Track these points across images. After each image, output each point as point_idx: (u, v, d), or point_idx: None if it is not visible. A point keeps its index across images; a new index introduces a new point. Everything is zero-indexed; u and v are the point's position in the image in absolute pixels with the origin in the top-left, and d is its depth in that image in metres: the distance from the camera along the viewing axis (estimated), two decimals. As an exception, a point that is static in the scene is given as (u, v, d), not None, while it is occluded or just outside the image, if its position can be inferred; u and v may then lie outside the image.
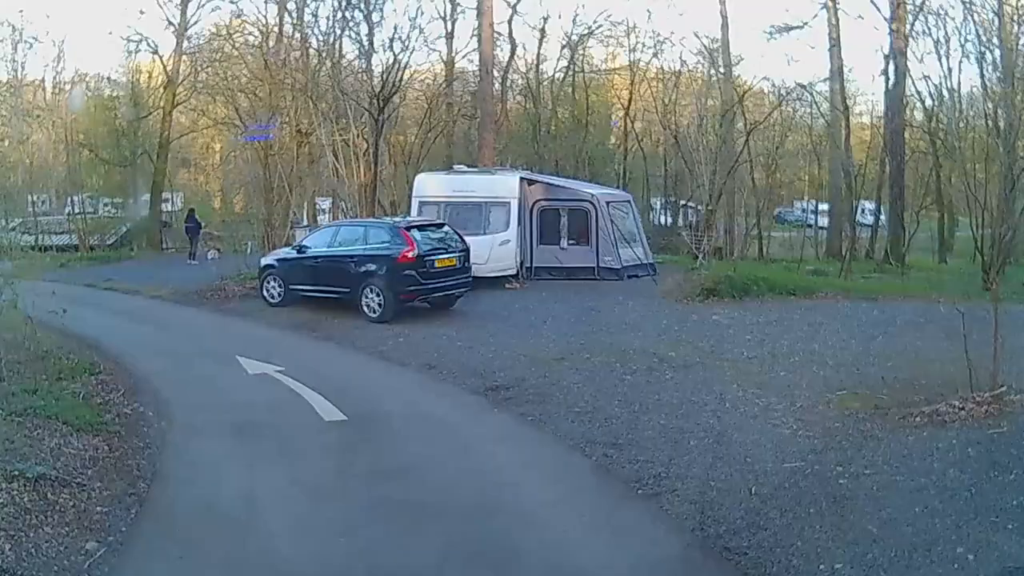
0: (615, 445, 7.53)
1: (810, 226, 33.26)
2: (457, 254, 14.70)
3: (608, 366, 10.50)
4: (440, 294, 14.52)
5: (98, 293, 19.43)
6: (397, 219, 15.99)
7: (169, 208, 33.12)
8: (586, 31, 32.04)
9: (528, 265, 18.43)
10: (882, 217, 29.76)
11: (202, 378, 10.71)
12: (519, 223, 18.11)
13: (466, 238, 15.44)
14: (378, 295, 14.02)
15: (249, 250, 23.64)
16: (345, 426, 8.36)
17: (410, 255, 13.89)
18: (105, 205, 32.42)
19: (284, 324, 14.38)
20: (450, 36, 31.18)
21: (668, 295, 16.26)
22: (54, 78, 34.00)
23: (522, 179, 18.93)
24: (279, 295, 15.65)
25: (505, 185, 18.42)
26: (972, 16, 27.69)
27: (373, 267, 14.23)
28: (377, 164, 20.07)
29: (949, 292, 15.79)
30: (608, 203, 18.90)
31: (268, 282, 15.88)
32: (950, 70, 29.80)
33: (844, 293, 16.41)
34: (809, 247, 30.95)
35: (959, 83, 30.70)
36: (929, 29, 28.90)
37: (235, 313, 15.83)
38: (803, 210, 38.79)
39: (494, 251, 17.44)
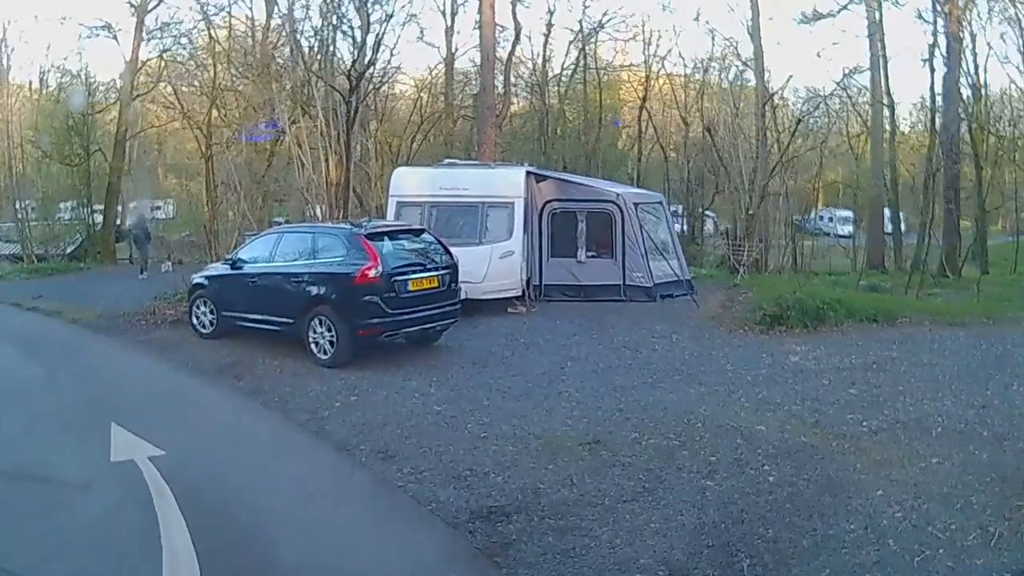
0: None
1: (827, 234, 31.06)
2: (440, 272, 10.75)
3: (670, 456, 6.66)
4: (414, 328, 10.64)
5: (19, 314, 16.85)
6: (360, 223, 11.94)
7: (161, 215, 31.31)
8: (596, 25, 30.06)
9: (537, 283, 14.86)
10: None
11: (39, 465, 7.00)
12: (525, 230, 14.38)
13: (458, 249, 11.72)
14: (329, 329, 10.19)
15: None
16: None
17: (371, 274, 9.97)
18: (79, 209, 29.47)
19: (206, 366, 10.72)
20: (450, 30, 29.30)
21: (718, 322, 13.03)
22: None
23: (529, 174, 15.11)
24: (211, 323, 12.14)
25: (507, 181, 14.62)
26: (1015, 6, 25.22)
27: (323, 290, 10.38)
28: (350, 157, 16.21)
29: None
30: (636, 205, 15.13)
31: (198, 306, 12.35)
32: (976, 67, 26.94)
33: (929, 317, 13.18)
34: (843, 257, 28.38)
35: (986, 83, 28.06)
36: (964, 24, 25.84)
37: (155, 346, 12.31)
38: (821, 217, 36.24)
39: (493, 266, 13.84)
